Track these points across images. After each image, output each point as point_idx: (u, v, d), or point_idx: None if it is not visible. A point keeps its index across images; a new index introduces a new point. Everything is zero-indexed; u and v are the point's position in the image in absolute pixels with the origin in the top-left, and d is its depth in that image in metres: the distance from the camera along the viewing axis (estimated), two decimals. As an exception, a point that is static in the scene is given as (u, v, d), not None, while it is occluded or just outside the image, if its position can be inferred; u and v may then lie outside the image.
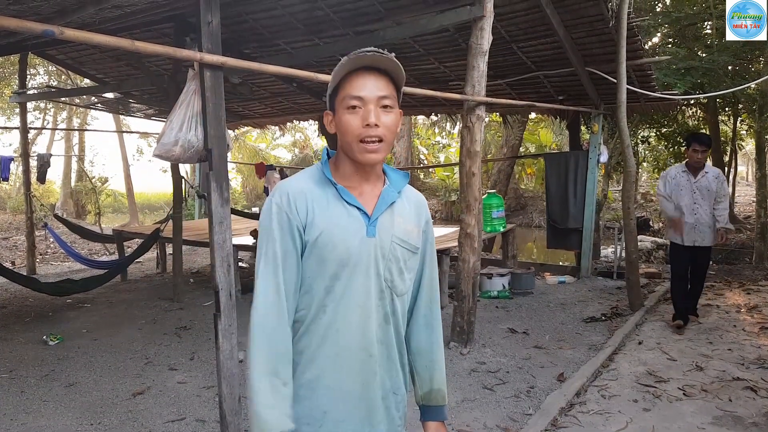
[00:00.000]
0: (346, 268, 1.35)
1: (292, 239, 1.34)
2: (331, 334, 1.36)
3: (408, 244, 1.44)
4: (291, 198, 1.34)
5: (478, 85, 4.58)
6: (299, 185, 1.37)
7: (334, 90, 1.39)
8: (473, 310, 4.83)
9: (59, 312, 6.24)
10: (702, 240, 5.20)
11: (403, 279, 1.45)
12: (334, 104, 1.38)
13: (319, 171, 1.41)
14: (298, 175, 1.42)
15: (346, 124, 1.34)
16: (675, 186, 5.23)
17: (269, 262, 1.33)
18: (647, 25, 9.18)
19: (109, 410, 3.72)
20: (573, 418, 3.55)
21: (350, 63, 1.33)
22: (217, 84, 2.63)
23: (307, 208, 1.34)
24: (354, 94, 1.33)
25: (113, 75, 8.87)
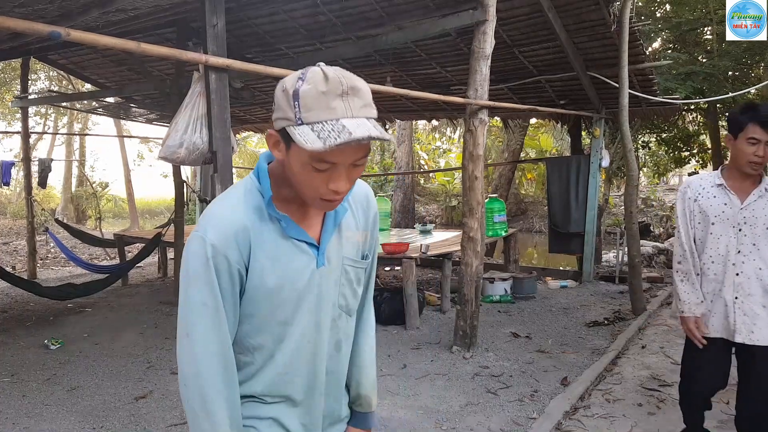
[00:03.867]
0: (297, 309, 1.19)
1: (231, 285, 1.13)
2: (280, 381, 1.22)
3: (358, 262, 1.31)
4: (230, 237, 1.11)
5: (480, 89, 4.59)
6: (237, 219, 1.12)
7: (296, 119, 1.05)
8: (476, 314, 4.82)
9: (60, 316, 6.23)
10: (755, 330, 2.55)
11: (356, 297, 1.33)
12: (289, 141, 1.06)
13: (257, 197, 1.16)
14: (232, 199, 1.16)
15: (306, 180, 1.09)
16: (701, 213, 2.63)
17: (206, 312, 1.11)
18: (648, 30, 9.21)
19: (112, 414, 3.71)
20: (578, 422, 3.54)
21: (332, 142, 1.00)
22: (222, 86, 2.63)
23: (250, 249, 1.13)
24: (328, 160, 1.05)
25: (115, 80, 8.89)
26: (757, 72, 10.85)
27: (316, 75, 1.04)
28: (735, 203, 2.56)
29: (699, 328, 2.67)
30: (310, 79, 1.04)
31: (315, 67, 1.07)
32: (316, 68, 1.06)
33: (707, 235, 2.61)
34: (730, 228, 2.57)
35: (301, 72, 1.08)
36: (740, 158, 2.47)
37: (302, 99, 1.03)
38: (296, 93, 1.04)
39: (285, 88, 1.06)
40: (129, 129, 20.50)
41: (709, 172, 2.76)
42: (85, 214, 19.60)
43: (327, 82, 1.03)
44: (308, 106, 1.03)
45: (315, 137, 1.00)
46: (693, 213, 2.65)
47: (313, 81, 1.03)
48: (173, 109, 5.42)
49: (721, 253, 2.58)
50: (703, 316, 2.65)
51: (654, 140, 12.95)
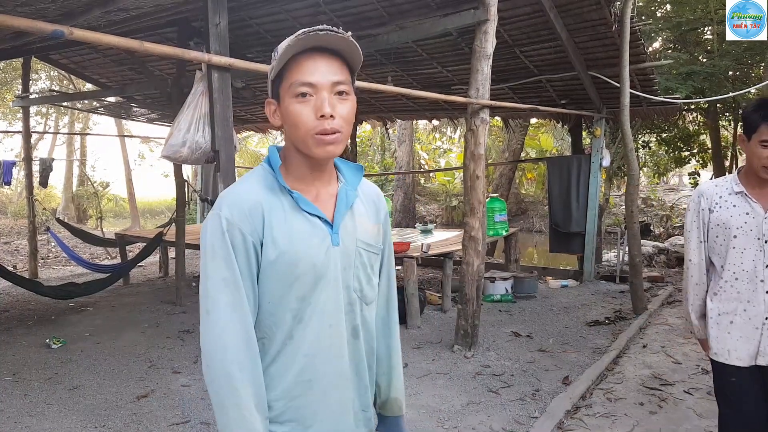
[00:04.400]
0: (315, 286, 1.19)
1: (247, 260, 1.14)
2: (302, 361, 1.20)
3: (372, 247, 1.31)
4: (244, 211, 1.14)
5: (482, 89, 4.59)
6: (251, 195, 1.16)
7: (277, 75, 1.18)
8: (477, 313, 4.83)
9: (62, 315, 6.23)
10: None
11: (372, 285, 1.32)
12: (279, 91, 1.18)
13: (270, 175, 1.21)
14: (246, 181, 1.22)
15: (296, 115, 1.15)
16: (719, 226, 2.30)
17: (226, 288, 1.13)
18: (648, 30, 9.21)
19: (113, 413, 3.71)
20: (579, 421, 3.54)
21: (298, 43, 1.12)
22: (225, 85, 2.64)
23: (264, 223, 1.15)
24: (304, 80, 1.13)
25: (116, 79, 8.89)
26: (758, 72, 10.85)
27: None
28: (758, 212, 2.23)
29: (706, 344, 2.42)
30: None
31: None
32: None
33: (728, 250, 2.26)
34: (755, 240, 2.23)
35: None
36: (754, 162, 2.19)
37: (279, 47, 1.16)
38: (276, 49, 1.17)
39: (275, 52, 1.18)
40: (129, 129, 20.50)
41: (724, 177, 2.35)
42: (86, 213, 19.61)
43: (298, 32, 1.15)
44: (282, 46, 1.15)
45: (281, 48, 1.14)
46: (708, 226, 2.31)
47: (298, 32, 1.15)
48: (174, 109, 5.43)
49: (746, 269, 2.24)
50: (716, 339, 2.31)
51: (654, 140, 12.95)
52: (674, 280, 7.99)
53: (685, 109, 10.89)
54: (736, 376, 2.30)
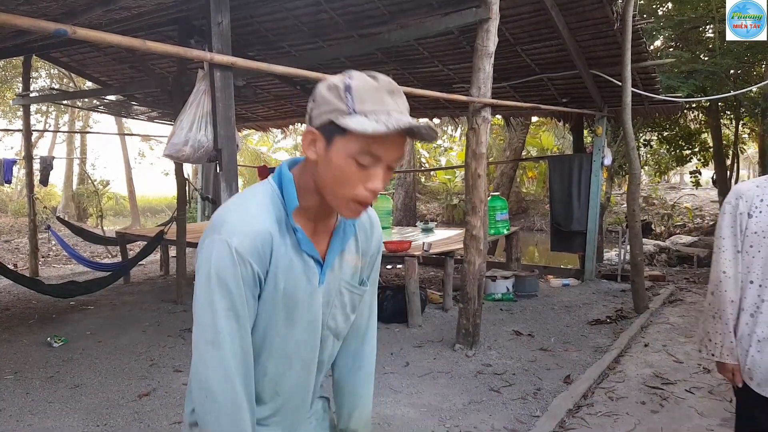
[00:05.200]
0: (294, 324, 1.18)
1: (252, 292, 1.12)
2: (271, 392, 1.22)
3: (356, 288, 1.29)
4: (256, 245, 1.09)
5: (483, 87, 4.59)
6: (262, 226, 1.10)
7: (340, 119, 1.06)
8: (479, 312, 4.82)
9: (63, 314, 6.23)
10: None
11: (348, 322, 1.31)
12: (334, 136, 1.06)
13: (279, 203, 1.14)
14: (254, 204, 1.13)
15: (345, 175, 1.07)
16: (757, 233, 1.97)
17: (231, 319, 1.09)
18: (650, 28, 9.20)
19: (115, 411, 3.71)
20: (581, 420, 3.54)
21: (393, 124, 1.02)
22: (227, 84, 2.63)
23: (271, 257, 1.12)
24: (374, 153, 1.05)
25: (116, 78, 8.89)
26: (759, 70, 10.83)
27: (363, 75, 1.07)
28: None
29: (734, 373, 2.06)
30: (358, 78, 1.07)
31: (355, 71, 1.09)
32: (356, 71, 1.09)
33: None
34: None
35: (342, 74, 1.09)
36: None
37: (356, 91, 1.05)
38: (348, 87, 1.05)
39: (333, 85, 1.07)
40: (130, 127, 20.51)
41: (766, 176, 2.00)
42: (86, 212, 19.62)
43: (377, 80, 1.07)
44: (362, 98, 1.04)
45: (374, 122, 1.02)
46: (747, 232, 1.97)
47: (363, 79, 1.06)
48: (175, 107, 5.42)
49: None
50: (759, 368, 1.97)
51: (655, 138, 12.93)
52: (675, 279, 7.99)
53: (686, 108, 10.88)
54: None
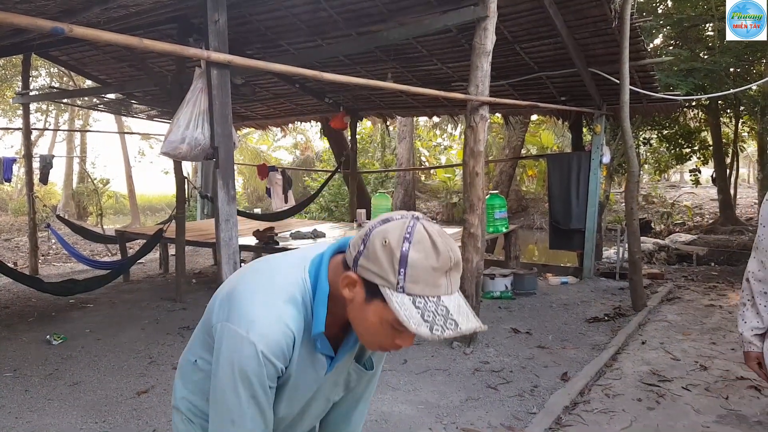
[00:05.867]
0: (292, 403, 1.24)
1: (272, 383, 1.15)
2: None
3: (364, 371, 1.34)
4: (282, 349, 1.11)
5: (481, 85, 4.60)
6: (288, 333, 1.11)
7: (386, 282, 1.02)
8: (477, 309, 4.83)
9: (62, 312, 6.25)
10: None
11: (347, 392, 1.38)
12: (375, 296, 1.04)
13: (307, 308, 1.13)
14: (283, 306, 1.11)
15: (376, 331, 1.08)
16: None
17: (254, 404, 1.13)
18: (649, 26, 9.20)
19: (114, 409, 3.73)
20: (577, 417, 3.56)
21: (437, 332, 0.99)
22: (224, 82, 2.64)
23: (292, 355, 1.15)
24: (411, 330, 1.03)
25: (116, 76, 8.89)
26: (759, 68, 10.84)
27: (425, 241, 1.01)
28: None
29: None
30: (418, 245, 1.01)
31: (418, 224, 1.04)
32: (421, 229, 1.03)
33: None
34: None
35: (404, 226, 1.03)
36: None
37: (411, 268, 1.00)
38: (404, 258, 1.00)
39: (388, 244, 1.02)
40: (130, 126, 20.54)
41: None
42: (86, 210, 19.64)
43: (438, 256, 1.01)
44: (415, 278, 0.99)
45: (419, 318, 0.98)
46: None
47: (423, 249, 1.00)
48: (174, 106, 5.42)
49: None
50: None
51: (655, 137, 12.94)
52: (674, 277, 8.01)
53: (685, 106, 10.89)
54: None
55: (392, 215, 1.08)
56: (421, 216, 1.07)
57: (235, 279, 1.23)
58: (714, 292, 7.00)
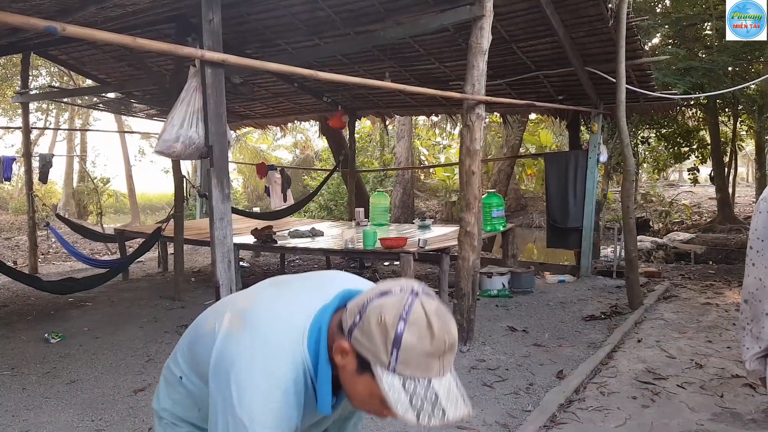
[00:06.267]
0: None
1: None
2: None
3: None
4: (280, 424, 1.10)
5: (477, 84, 4.60)
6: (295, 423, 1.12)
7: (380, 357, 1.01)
8: (473, 308, 4.85)
9: (61, 310, 6.27)
10: None
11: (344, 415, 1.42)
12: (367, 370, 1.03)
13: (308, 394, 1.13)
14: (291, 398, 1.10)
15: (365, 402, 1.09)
16: None
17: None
18: (647, 25, 9.21)
19: (110, 407, 3.74)
20: (572, 415, 3.57)
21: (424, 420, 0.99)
22: (218, 81, 2.65)
23: None
24: None
25: (115, 75, 8.91)
26: (757, 67, 10.84)
27: (421, 323, 0.99)
28: None
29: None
30: (413, 326, 0.99)
31: (416, 302, 1.01)
32: (418, 308, 1.01)
33: None
34: None
35: (402, 303, 1.01)
36: None
37: (404, 351, 0.99)
38: (398, 339, 0.99)
39: (384, 322, 1.00)
40: (130, 125, 20.54)
41: None
42: (86, 209, 19.66)
43: (432, 340, 0.99)
44: (407, 361, 0.99)
45: (407, 402, 0.98)
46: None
47: (418, 331, 0.99)
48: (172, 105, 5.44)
49: None
50: None
51: (654, 135, 12.95)
52: (671, 276, 8.02)
53: (684, 105, 10.89)
54: None
55: (392, 287, 1.05)
56: (421, 290, 1.05)
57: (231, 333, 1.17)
58: (711, 291, 7.01)
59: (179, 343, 1.40)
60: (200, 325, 1.32)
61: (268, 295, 1.25)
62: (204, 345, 1.23)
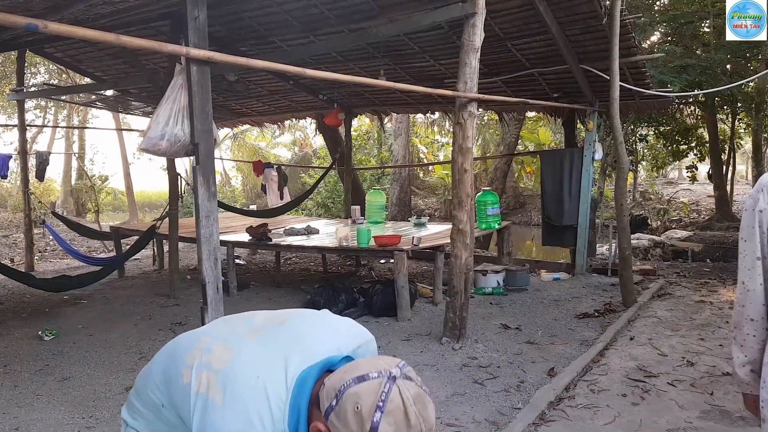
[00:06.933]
0: None
1: None
2: None
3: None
4: None
5: (470, 82, 4.60)
6: None
7: None
8: (465, 305, 4.85)
9: (56, 308, 6.27)
10: None
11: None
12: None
13: None
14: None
15: None
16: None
17: None
18: (643, 23, 9.18)
19: (102, 404, 3.75)
20: (561, 412, 3.57)
21: None
22: (204, 79, 2.65)
23: None
24: None
25: (111, 73, 8.90)
26: (755, 65, 10.81)
27: (397, 413, 1.00)
28: None
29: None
30: (390, 416, 0.99)
31: (394, 388, 1.02)
32: (396, 395, 1.01)
33: None
34: None
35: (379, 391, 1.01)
36: None
37: None
38: (374, 430, 0.99)
39: (360, 411, 1.01)
40: (129, 122, 20.54)
41: None
42: (84, 207, 19.65)
43: (409, 429, 1.00)
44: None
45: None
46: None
47: (395, 422, 0.99)
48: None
49: None
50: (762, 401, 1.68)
51: (652, 133, 12.93)
52: (666, 273, 8.02)
53: (681, 103, 10.87)
54: None
55: (369, 370, 1.04)
56: (399, 371, 1.04)
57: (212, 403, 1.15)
58: (705, 289, 7.01)
59: (152, 366, 1.37)
60: (175, 363, 1.29)
61: (246, 351, 1.20)
62: (181, 396, 1.22)
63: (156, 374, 1.34)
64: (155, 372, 1.34)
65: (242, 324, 1.30)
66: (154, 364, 1.37)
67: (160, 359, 1.36)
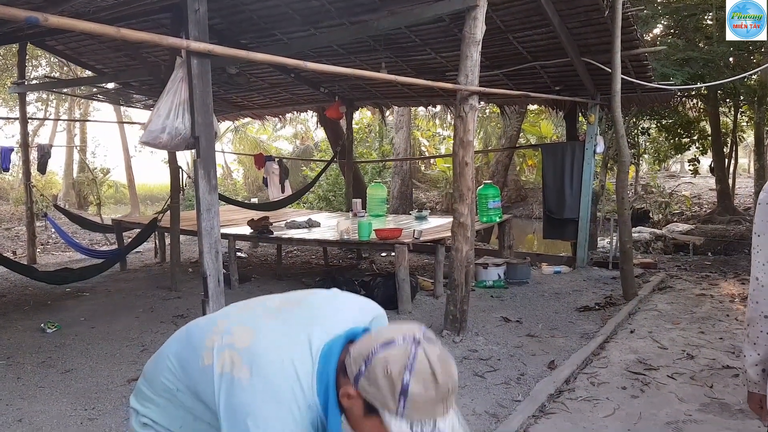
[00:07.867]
0: None
1: None
2: None
3: None
4: None
5: (471, 75, 4.58)
6: None
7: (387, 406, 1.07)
8: (466, 298, 4.86)
9: (58, 301, 6.30)
10: None
11: None
12: (373, 414, 1.09)
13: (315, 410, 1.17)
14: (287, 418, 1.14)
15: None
16: None
17: None
18: (645, 15, 9.14)
19: (104, 396, 3.78)
20: (561, 405, 3.59)
21: None
22: (204, 72, 2.65)
23: None
24: None
25: (112, 66, 8.89)
26: (758, 58, 10.77)
27: (425, 372, 1.05)
28: None
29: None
30: (419, 375, 1.05)
31: (420, 351, 1.07)
32: (422, 357, 1.06)
33: None
34: None
35: (406, 354, 1.07)
36: None
37: (411, 401, 1.04)
38: (405, 390, 1.05)
39: (390, 374, 1.06)
40: (130, 115, 20.52)
41: None
42: (86, 200, 19.69)
43: (437, 387, 1.05)
44: (414, 407, 1.05)
45: None
46: None
47: (423, 381, 1.05)
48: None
49: None
50: None
51: (654, 126, 12.90)
52: (667, 267, 8.03)
53: (683, 96, 10.82)
54: None
55: (395, 336, 1.10)
56: (423, 337, 1.10)
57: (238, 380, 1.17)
58: (706, 282, 7.02)
59: (163, 352, 1.38)
60: (192, 347, 1.30)
61: (267, 330, 1.23)
62: (201, 378, 1.23)
63: (169, 359, 1.35)
64: (168, 357, 1.35)
65: (259, 306, 1.35)
66: (166, 349, 1.38)
67: (173, 345, 1.38)
